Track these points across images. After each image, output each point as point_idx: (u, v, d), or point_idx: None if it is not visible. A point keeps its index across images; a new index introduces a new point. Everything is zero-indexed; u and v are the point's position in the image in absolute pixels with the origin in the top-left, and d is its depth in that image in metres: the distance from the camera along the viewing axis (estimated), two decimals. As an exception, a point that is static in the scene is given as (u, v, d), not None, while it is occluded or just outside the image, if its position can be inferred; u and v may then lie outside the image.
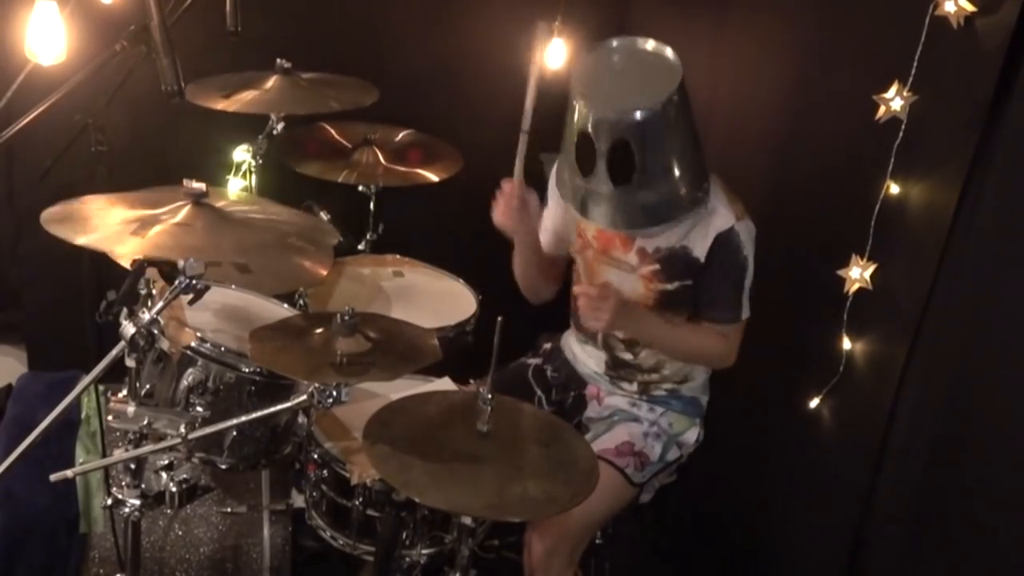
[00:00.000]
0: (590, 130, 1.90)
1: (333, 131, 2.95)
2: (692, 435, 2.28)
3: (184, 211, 1.82)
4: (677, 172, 1.97)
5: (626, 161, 1.90)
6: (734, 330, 2.15)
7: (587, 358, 2.35)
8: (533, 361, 2.45)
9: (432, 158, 2.90)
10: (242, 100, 2.58)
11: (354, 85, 2.79)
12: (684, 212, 2.02)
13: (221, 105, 2.54)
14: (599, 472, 1.77)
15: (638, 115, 1.86)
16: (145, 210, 1.80)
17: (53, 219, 1.70)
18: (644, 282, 2.15)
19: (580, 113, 1.92)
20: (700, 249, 2.07)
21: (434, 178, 2.82)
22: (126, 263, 1.67)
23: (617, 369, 2.29)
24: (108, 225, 1.73)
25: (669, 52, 1.95)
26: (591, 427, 2.31)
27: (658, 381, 2.27)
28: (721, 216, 2.05)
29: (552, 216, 2.28)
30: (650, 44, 1.97)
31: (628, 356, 2.26)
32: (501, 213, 2.17)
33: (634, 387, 2.29)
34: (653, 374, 2.27)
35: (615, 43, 2.00)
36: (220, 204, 1.89)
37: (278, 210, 1.97)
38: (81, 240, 1.64)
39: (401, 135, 3.00)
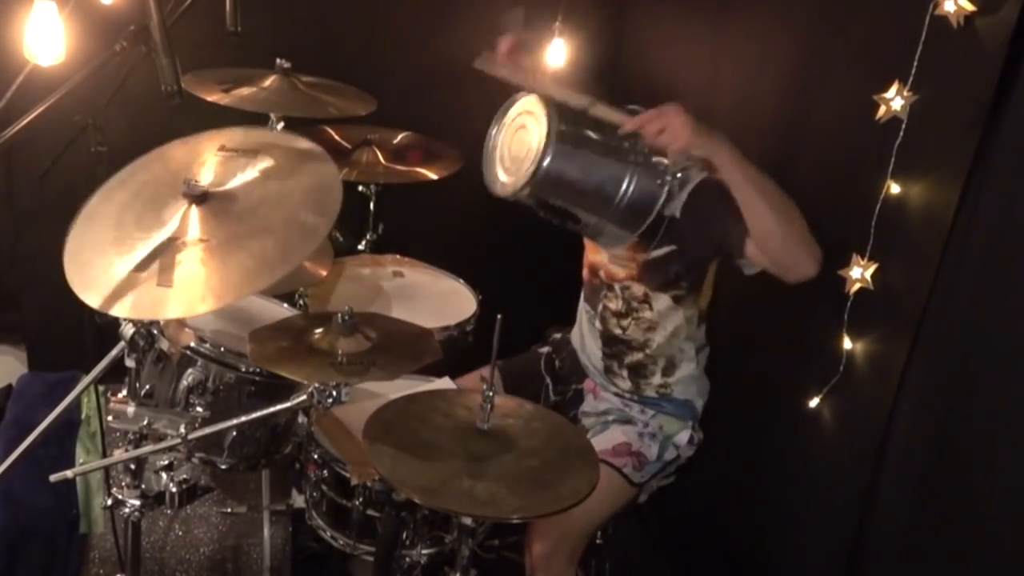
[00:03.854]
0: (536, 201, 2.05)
1: (333, 132, 2.95)
2: (684, 437, 2.29)
3: (190, 218, 1.68)
4: (617, 189, 2.02)
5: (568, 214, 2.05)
6: None
7: (589, 339, 2.37)
8: (544, 350, 2.51)
9: (432, 158, 2.91)
10: (241, 95, 2.57)
11: (352, 94, 2.79)
12: (659, 200, 2.04)
13: (219, 98, 2.54)
14: (582, 495, 1.62)
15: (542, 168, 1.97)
16: (147, 213, 1.74)
17: (81, 285, 1.59)
18: (628, 254, 2.20)
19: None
20: (676, 208, 2.09)
21: (434, 177, 2.82)
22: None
23: (611, 346, 2.31)
24: (131, 277, 1.58)
25: (520, 101, 2.15)
26: (585, 422, 2.33)
27: (646, 364, 2.28)
28: (690, 178, 2.08)
29: None
30: (513, 108, 2.17)
31: (618, 331, 2.28)
32: (491, 63, 2.22)
33: (627, 384, 2.30)
34: (641, 352, 2.27)
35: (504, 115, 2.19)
36: (220, 190, 1.76)
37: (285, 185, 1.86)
38: (117, 311, 1.55)
39: (401, 136, 3.00)
